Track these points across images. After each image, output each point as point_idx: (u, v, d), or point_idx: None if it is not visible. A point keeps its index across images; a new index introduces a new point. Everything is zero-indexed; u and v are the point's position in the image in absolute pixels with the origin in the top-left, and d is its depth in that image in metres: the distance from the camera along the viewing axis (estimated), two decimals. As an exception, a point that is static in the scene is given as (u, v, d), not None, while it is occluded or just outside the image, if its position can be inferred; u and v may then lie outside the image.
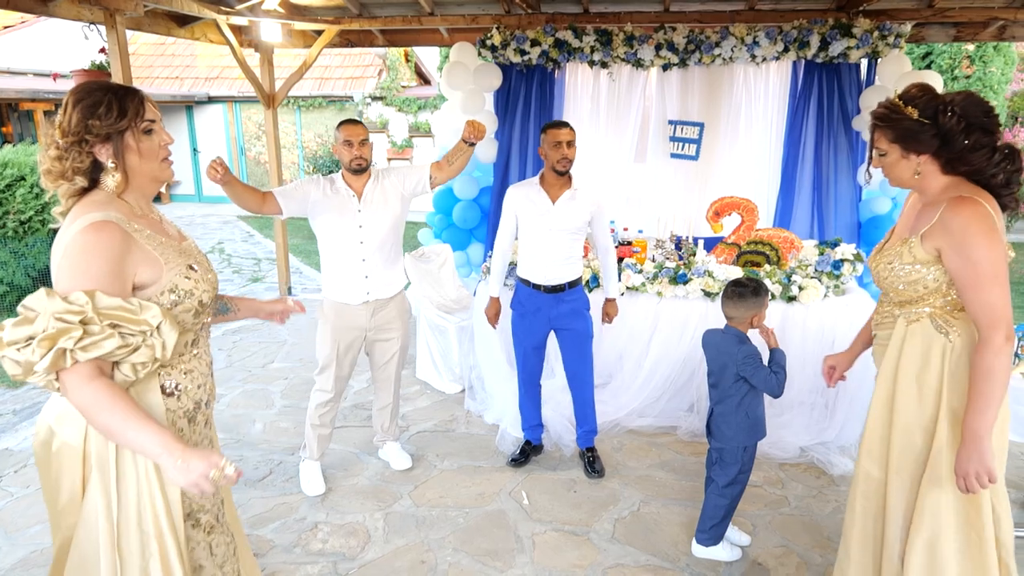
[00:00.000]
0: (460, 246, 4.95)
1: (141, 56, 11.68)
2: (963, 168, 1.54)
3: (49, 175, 1.31)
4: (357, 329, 2.72)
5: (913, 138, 1.55)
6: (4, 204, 5.25)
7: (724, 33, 4.24)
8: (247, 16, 4.70)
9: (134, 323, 1.22)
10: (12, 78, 9.21)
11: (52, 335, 1.15)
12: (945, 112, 1.50)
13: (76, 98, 1.30)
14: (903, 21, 4.21)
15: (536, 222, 2.72)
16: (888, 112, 1.59)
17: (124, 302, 1.22)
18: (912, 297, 1.63)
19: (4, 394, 3.91)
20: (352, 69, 11.24)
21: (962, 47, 6.87)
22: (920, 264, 1.58)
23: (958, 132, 1.50)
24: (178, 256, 1.37)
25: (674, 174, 4.65)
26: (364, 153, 2.58)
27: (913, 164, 1.59)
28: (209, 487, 1.17)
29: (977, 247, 1.46)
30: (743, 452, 2.26)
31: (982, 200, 1.50)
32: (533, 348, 2.89)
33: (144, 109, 1.34)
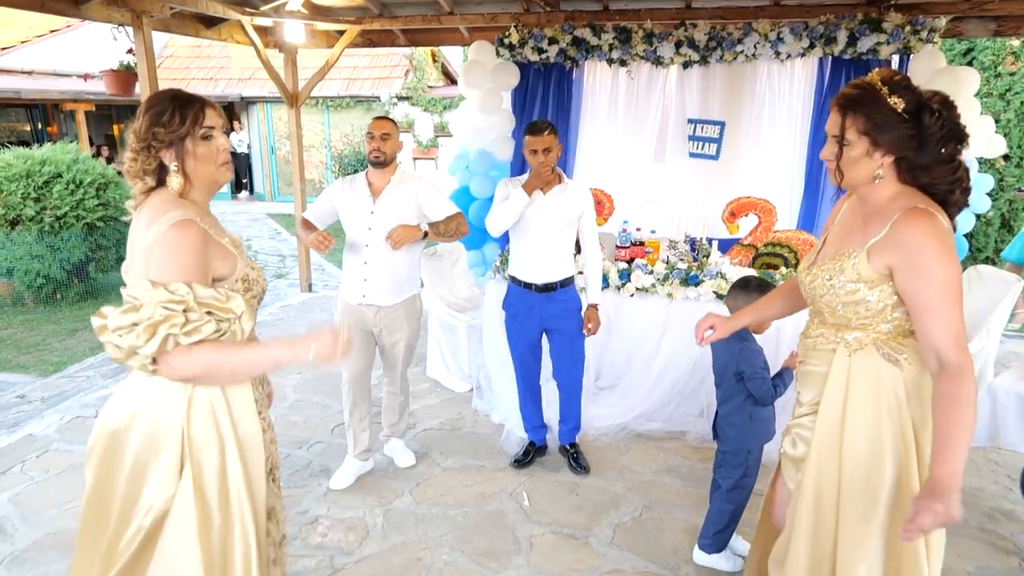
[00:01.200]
0: (476, 245, 4.94)
1: (178, 58, 12.05)
2: (925, 179, 1.35)
3: (128, 174, 1.46)
4: (363, 325, 2.72)
5: (887, 133, 1.32)
6: (42, 200, 5.48)
7: (747, 29, 4.13)
8: (271, 17, 4.79)
9: (223, 311, 1.37)
10: (57, 80, 9.61)
11: (157, 322, 1.27)
12: (931, 113, 1.30)
13: (147, 106, 1.43)
14: (938, 15, 4.03)
15: (525, 213, 2.69)
16: (865, 96, 1.33)
17: (215, 292, 1.37)
18: (850, 321, 1.42)
19: (34, 382, 4.07)
20: (379, 70, 11.38)
21: (1006, 43, 6.55)
22: (864, 283, 1.37)
23: (938, 139, 1.31)
24: (239, 260, 1.50)
25: (693, 174, 4.55)
26: (383, 147, 2.60)
27: (876, 164, 1.35)
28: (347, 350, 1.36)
29: (936, 266, 1.27)
30: (747, 455, 2.18)
31: (938, 214, 1.32)
32: (528, 348, 2.87)
33: (203, 116, 1.44)
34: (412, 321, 2.79)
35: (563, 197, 2.69)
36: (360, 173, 2.71)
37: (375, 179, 2.66)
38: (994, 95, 6.70)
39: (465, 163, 4.87)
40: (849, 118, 1.35)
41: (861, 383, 1.41)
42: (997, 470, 2.97)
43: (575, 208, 2.70)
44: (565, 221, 2.70)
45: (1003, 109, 6.68)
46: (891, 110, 1.31)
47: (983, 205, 4.28)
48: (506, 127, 4.66)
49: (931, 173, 1.35)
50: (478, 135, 4.70)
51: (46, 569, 2.31)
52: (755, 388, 2.11)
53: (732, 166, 4.52)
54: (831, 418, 1.45)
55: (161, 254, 1.33)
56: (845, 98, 1.36)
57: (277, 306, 5.64)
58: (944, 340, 1.29)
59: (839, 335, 1.46)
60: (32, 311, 5.61)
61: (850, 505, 1.43)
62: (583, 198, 2.73)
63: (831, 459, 1.45)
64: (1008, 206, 6.92)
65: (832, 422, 1.45)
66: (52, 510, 2.65)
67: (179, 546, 1.36)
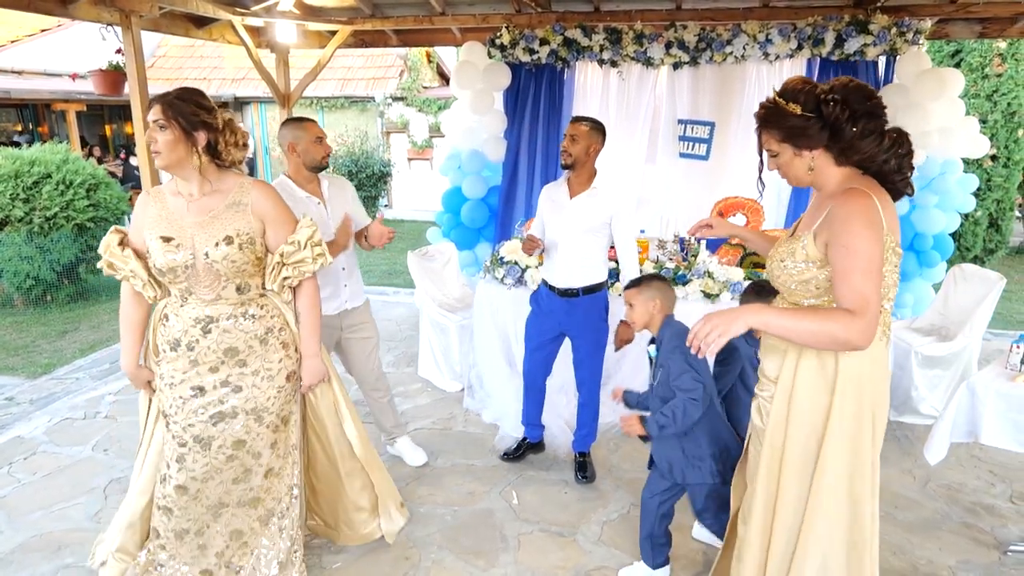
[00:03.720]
0: (468, 245, 4.96)
1: (171, 58, 12.01)
2: (856, 157, 1.50)
3: None
4: (329, 328, 2.63)
5: (801, 134, 1.49)
6: (31, 201, 5.45)
7: (736, 31, 4.16)
8: (262, 17, 4.78)
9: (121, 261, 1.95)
10: (48, 80, 9.56)
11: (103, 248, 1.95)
12: (828, 103, 1.45)
13: None
14: (924, 17, 4.07)
15: (554, 218, 2.71)
16: (770, 112, 1.53)
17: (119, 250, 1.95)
18: (804, 298, 1.57)
19: (22, 384, 4.06)
20: (374, 70, 11.37)
21: (993, 44, 6.62)
22: (812, 263, 1.52)
23: (844, 121, 1.45)
24: (163, 228, 1.86)
25: (684, 174, 4.58)
26: (331, 149, 2.61)
27: (806, 160, 1.53)
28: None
29: (855, 236, 1.41)
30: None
31: (871, 193, 1.46)
32: (539, 347, 2.84)
33: (150, 110, 1.78)
34: (371, 315, 2.82)
35: (590, 203, 2.64)
36: (282, 182, 2.53)
37: (307, 183, 2.55)
38: (981, 96, 6.77)
39: (457, 163, 4.88)
40: (766, 134, 1.57)
41: (810, 357, 1.55)
42: (979, 465, 3.01)
43: (602, 214, 2.63)
44: (587, 227, 2.63)
45: (990, 110, 6.74)
46: (792, 114, 1.49)
47: (968, 205, 4.32)
48: (498, 127, 4.67)
49: (858, 150, 1.49)
50: (470, 135, 4.72)
51: (32, 571, 2.31)
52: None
53: (722, 166, 4.55)
54: (783, 391, 1.60)
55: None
56: (757, 119, 1.60)
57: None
58: (848, 301, 1.41)
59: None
60: (21, 313, 5.58)
61: (790, 474, 1.59)
62: (612, 203, 2.64)
63: (779, 430, 1.61)
64: (996, 206, 6.99)
65: (784, 395, 1.60)
66: (38, 512, 2.65)
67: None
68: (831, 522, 1.56)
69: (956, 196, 4.23)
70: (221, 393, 1.91)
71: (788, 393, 1.58)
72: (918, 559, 2.40)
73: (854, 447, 1.54)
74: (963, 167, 4.32)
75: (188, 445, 1.90)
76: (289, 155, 2.53)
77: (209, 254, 1.82)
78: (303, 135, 2.52)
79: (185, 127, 1.77)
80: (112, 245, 1.91)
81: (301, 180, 2.56)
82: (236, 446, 1.94)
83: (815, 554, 1.57)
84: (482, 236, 5.00)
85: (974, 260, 6.94)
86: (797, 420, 1.57)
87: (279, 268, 1.94)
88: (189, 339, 1.88)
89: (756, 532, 1.68)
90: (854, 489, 1.55)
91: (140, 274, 1.91)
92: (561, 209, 2.67)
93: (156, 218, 1.86)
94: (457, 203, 4.93)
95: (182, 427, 1.91)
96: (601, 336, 2.78)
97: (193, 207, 1.85)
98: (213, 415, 1.90)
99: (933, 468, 2.84)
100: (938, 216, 4.17)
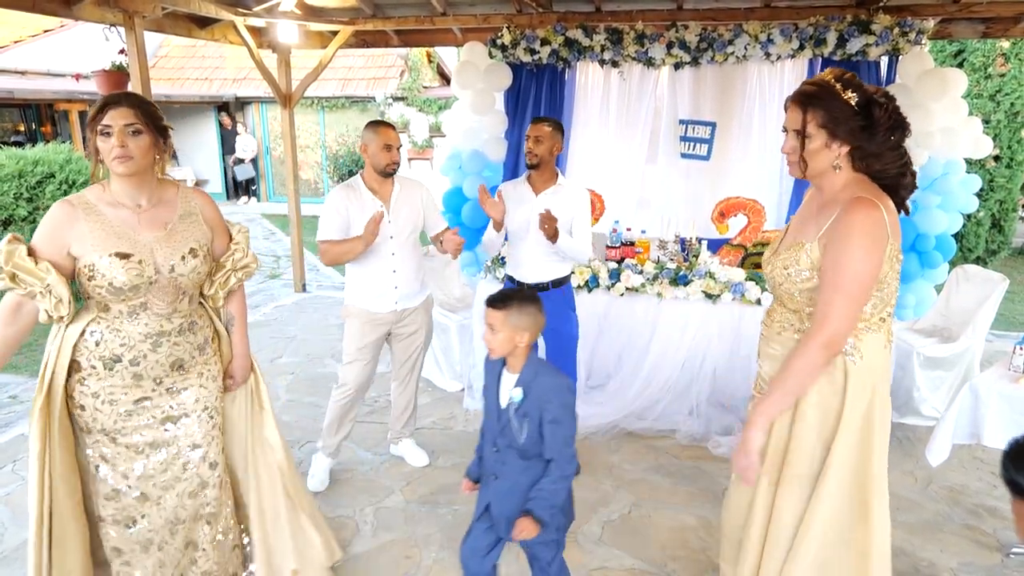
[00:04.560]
0: (469, 245, 4.94)
1: (173, 58, 12.03)
2: (877, 165, 1.48)
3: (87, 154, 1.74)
4: (384, 324, 2.72)
5: (843, 124, 1.45)
6: (35, 200, 5.47)
7: (737, 31, 4.15)
8: (264, 17, 4.80)
9: (33, 278, 1.61)
10: (51, 80, 9.58)
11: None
12: (879, 105, 1.44)
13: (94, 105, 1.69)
14: (926, 17, 4.06)
15: (518, 214, 2.73)
16: (823, 92, 1.46)
17: (33, 264, 1.61)
18: (806, 307, 1.54)
19: (25, 383, 4.07)
20: (375, 70, 11.37)
21: (996, 44, 6.60)
22: (817, 271, 1.49)
23: (886, 128, 1.45)
24: (114, 243, 1.66)
25: (685, 174, 4.57)
26: (398, 158, 2.61)
27: (834, 154, 1.49)
28: None
29: (848, 254, 1.40)
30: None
31: (880, 204, 1.44)
32: None
33: (103, 114, 1.63)
34: (429, 315, 2.85)
35: (554, 199, 2.70)
36: (354, 180, 2.64)
37: (380, 185, 2.62)
38: (984, 96, 6.75)
39: (458, 163, 4.88)
40: (810, 113, 1.48)
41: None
42: (981, 467, 3.00)
43: (567, 210, 2.69)
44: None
45: (993, 110, 6.72)
46: (845, 104, 1.44)
47: (971, 205, 4.31)
48: (499, 128, 4.67)
49: (882, 159, 1.48)
50: (471, 136, 4.72)
51: (35, 568, 2.31)
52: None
53: (723, 167, 4.54)
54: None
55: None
56: (804, 95, 1.49)
57: (271, 306, 5.64)
58: (817, 312, 1.45)
59: (800, 320, 1.58)
60: (24, 311, 5.60)
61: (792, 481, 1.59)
62: (574, 198, 2.72)
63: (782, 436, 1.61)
64: (999, 207, 6.97)
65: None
66: (42, 510, 2.65)
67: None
68: (833, 527, 1.54)
69: (959, 197, 4.21)
70: (168, 398, 1.82)
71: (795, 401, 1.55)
72: (920, 561, 2.40)
73: (862, 453, 1.52)
74: (966, 168, 4.31)
75: (144, 451, 1.80)
76: (363, 155, 2.63)
77: (176, 268, 1.74)
78: (373, 139, 2.58)
79: (156, 131, 1.68)
80: (18, 255, 1.61)
81: (372, 181, 2.62)
82: (192, 449, 1.87)
83: (808, 555, 1.55)
84: (482, 236, 4.99)
85: (976, 261, 6.92)
86: (805, 425, 1.55)
87: (230, 275, 1.90)
88: (134, 354, 1.73)
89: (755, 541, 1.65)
90: (863, 496, 1.53)
91: (58, 290, 1.63)
92: (525, 206, 2.70)
93: (100, 234, 1.66)
94: (458, 203, 4.92)
95: (132, 438, 1.78)
96: (573, 326, 2.83)
97: (144, 219, 1.72)
98: (163, 419, 1.82)
99: (935, 470, 2.84)
100: (940, 217, 4.15)
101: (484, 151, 4.74)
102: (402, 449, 3.06)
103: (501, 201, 2.71)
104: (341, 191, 2.61)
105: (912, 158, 1.54)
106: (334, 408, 2.80)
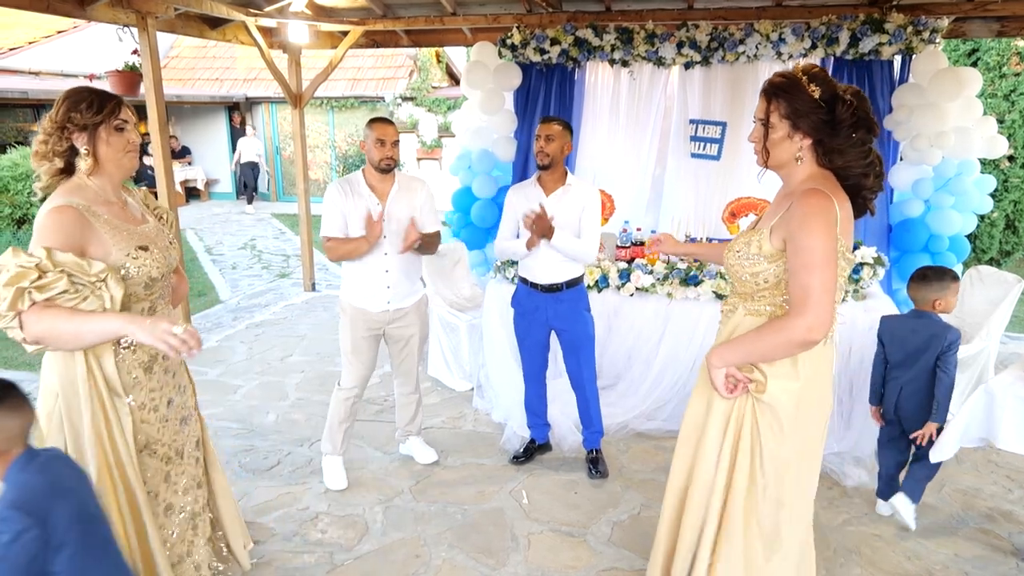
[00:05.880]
0: (478, 245, 4.97)
1: (184, 59, 12.11)
2: (840, 161, 1.51)
3: (35, 156, 1.62)
4: (377, 323, 2.72)
5: (805, 117, 1.49)
6: (48, 199, 5.53)
7: (749, 30, 4.13)
8: (275, 18, 4.82)
9: (84, 274, 1.50)
10: (64, 80, 9.68)
11: (12, 278, 1.43)
12: (843, 101, 1.47)
13: (66, 95, 1.63)
14: (940, 16, 4.02)
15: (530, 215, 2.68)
16: (788, 84, 1.51)
17: (76, 257, 1.50)
18: (754, 290, 1.60)
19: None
20: (384, 70, 11.41)
21: (1011, 43, 6.52)
22: (764, 257, 1.55)
23: (848, 125, 1.47)
24: (129, 239, 1.64)
25: (695, 174, 4.55)
26: (395, 154, 2.57)
27: (796, 146, 1.53)
28: (175, 341, 1.41)
29: (810, 234, 1.43)
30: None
31: (834, 199, 1.47)
32: (534, 346, 2.87)
33: (120, 110, 1.65)
34: (423, 315, 2.84)
35: (565, 199, 2.69)
36: (354, 176, 2.63)
37: (378, 183, 2.61)
38: (999, 96, 6.67)
39: (467, 163, 4.89)
40: (774, 103, 1.53)
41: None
42: (996, 471, 2.97)
43: (576, 208, 2.68)
44: (564, 222, 2.67)
45: (1008, 110, 6.65)
46: (809, 97, 1.48)
47: (985, 206, 4.26)
48: (508, 127, 4.67)
49: (845, 156, 1.51)
50: (480, 135, 4.72)
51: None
52: (949, 381, 2.35)
53: (733, 167, 4.51)
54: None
55: (36, 231, 1.54)
56: (772, 86, 1.54)
57: (281, 305, 5.67)
58: (794, 296, 1.47)
59: (744, 302, 1.65)
60: (38, 309, 5.65)
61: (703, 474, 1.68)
62: (584, 196, 2.70)
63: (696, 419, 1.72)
64: (1013, 207, 6.89)
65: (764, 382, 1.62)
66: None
67: None
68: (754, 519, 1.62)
69: (973, 197, 4.17)
70: (183, 395, 1.89)
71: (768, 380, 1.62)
72: (933, 564, 2.37)
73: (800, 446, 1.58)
74: (980, 168, 4.26)
75: (172, 460, 1.83)
76: (364, 151, 2.64)
77: (173, 257, 1.79)
78: (369, 134, 2.59)
79: None
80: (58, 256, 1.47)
81: (371, 178, 2.61)
82: (197, 447, 1.95)
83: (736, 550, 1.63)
84: (492, 236, 4.99)
85: (990, 262, 6.84)
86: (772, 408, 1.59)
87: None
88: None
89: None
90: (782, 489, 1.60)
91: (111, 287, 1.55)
92: (536, 206, 2.66)
93: (114, 233, 1.61)
94: (467, 203, 4.94)
95: (168, 445, 1.81)
96: (589, 326, 2.81)
97: (127, 213, 1.71)
98: (181, 419, 1.87)
99: (949, 473, 2.81)
100: (954, 217, 4.11)
101: (493, 151, 4.74)
102: (410, 447, 3.07)
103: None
104: (337, 186, 2.61)
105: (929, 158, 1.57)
106: (336, 408, 2.81)
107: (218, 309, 5.60)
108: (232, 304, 5.75)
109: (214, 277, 6.79)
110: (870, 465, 2.93)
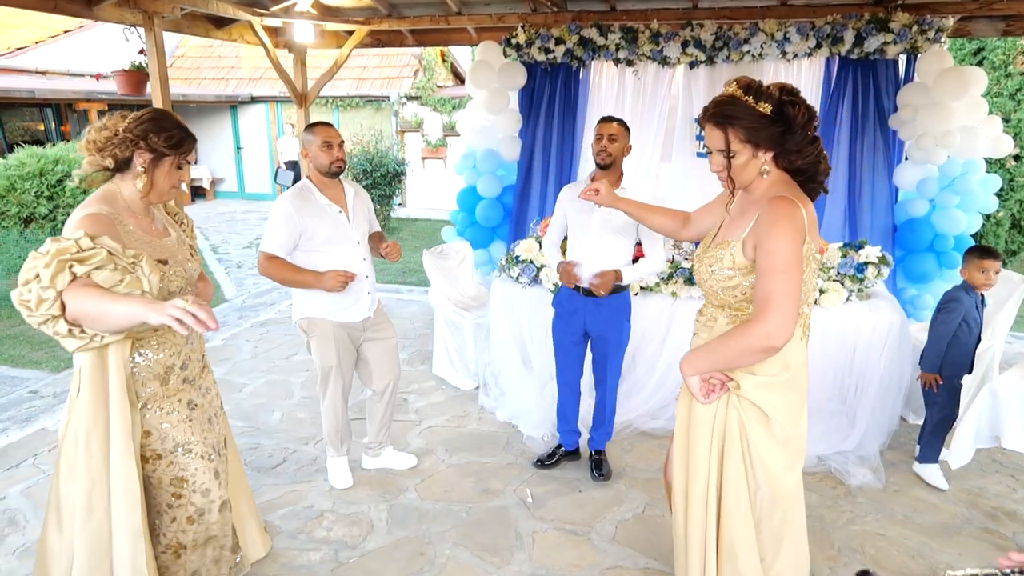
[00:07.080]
0: (483, 244, 4.98)
1: (189, 58, 12.16)
2: (799, 161, 1.53)
3: (90, 144, 1.66)
4: (356, 332, 2.66)
5: (763, 133, 1.49)
6: (55, 198, 5.56)
7: (753, 29, 4.13)
8: (281, 17, 4.84)
9: (122, 256, 1.53)
10: (71, 80, 9.73)
11: (54, 253, 1.44)
12: (789, 104, 1.47)
13: (152, 115, 1.70)
14: (945, 15, 4.01)
15: (582, 218, 2.63)
16: (737, 109, 1.49)
17: (111, 241, 1.53)
18: (730, 302, 1.61)
19: (46, 378, 4.14)
20: (389, 69, 11.43)
21: (1016, 42, 6.50)
22: (738, 270, 1.55)
23: (802, 124, 1.48)
24: (151, 252, 1.68)
25: (700, 173, 4.56)
26: (343, 155, 2.48)
27: (760, 162, 1.53)
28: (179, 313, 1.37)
29: (777, 239, 1.45)
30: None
31: (800, 204, 1.49)
32: (571, 348, 2.79)
33: (190, 152, 1.75)
34: (387, 316, 2.81)
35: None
36: (304, 186, 2.49)
37: (330, 189, 2.50)
38: (1004, 95, 6.65)
39: (472, 162, 4.90)
40: (730, 132, 1.52)
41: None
42: (1001, 470, 2.96)
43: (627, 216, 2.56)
44: (614, 228, 2.58)
45: (1014, 109, 6.62)
46: (760, 114, 1.48)
47: (991, 205, 4.25)
48: (513, 127, 4.68)
49: (803, 154, 1.53)
50: (485, 135, 4.73)
51: (58, 559, 2.35)
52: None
53: (738, 166, 4.52)
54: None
55: (69, 229, 1.57)
56: (720, 116, 1.52)
57: (286, 304, 5.69)
58: (759, 300, 1.48)
59: (722, 313, 1.65)
60: (45, 308, 5.69)
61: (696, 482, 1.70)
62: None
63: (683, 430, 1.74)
64: (1019, 206, 6.86)
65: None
66: (64, 502, 2.70)
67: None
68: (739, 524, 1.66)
69: (978, 196, 4.16)
70: (205, 396, 1.96)
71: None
72: (937, 563, 2.37)
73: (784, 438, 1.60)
74: (985, 167, 4.25)
75: (212, 457, 1.88)
76: (305, 160, 2.57)
77: (193, 270, 1.85)
78: (312, 140, 2.48)
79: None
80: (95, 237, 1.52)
81: (320, 185, 2.51)
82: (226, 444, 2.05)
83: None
84: (497, 235, 5.01)
85: (996, 262, 6.81)
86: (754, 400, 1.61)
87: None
88: (183, 359, 1.82)
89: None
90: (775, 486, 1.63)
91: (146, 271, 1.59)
92: (591, 210, 2.59)
93: (136, 244, 1.66)
94: (472, 202, 4.95)
95: (202, 442, 1.86)
96: (624, 336, 2.75)
97: (151, 227, 1.76)
98: (210, 417, 1.95)
99: (953, 472, 2.81)
100: (960, 217, 4.10)
101: (498, 150, 4.75)
102: (385, 460, 2.94)
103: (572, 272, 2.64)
104: (292, 199, 2.44)
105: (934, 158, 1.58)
106: (330, 420, 2.73)
107: (224, 308, 5.63)
108: (237, 303, 5.78)
109: (219, 276, 6.83)
110: (874, 464, 2.93)
